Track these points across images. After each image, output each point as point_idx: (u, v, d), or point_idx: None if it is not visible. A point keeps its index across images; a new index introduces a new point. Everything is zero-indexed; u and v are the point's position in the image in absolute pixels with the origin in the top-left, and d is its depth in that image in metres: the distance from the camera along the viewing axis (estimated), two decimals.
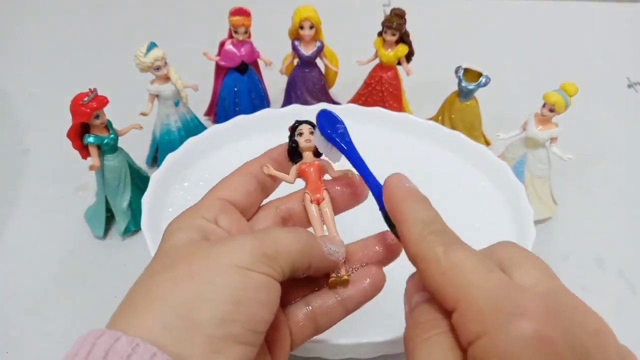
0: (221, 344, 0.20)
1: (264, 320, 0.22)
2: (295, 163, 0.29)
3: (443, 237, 0.21)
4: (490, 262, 0.20)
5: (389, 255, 0.28)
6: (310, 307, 0.27)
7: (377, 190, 0.26)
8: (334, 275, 0.26)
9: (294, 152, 0.29)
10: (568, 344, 0.17)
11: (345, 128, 0.28)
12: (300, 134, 0.29)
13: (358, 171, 0.27)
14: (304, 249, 0.24)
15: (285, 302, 0.27)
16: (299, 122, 0.29)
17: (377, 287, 0.27)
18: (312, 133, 0.28)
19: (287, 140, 0.29)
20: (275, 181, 0.29)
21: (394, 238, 0.27)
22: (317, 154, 0.29)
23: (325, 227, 0.28)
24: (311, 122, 0.29)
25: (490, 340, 0.17)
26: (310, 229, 0.28)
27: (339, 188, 0.29)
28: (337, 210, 0.29)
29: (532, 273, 0.20)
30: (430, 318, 0.21)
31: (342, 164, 0.28)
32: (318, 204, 0.28)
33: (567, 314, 0.18)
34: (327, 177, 0.29)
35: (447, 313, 0.20)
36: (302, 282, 0.27)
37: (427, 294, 0.22)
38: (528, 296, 0.18)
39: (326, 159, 0.29)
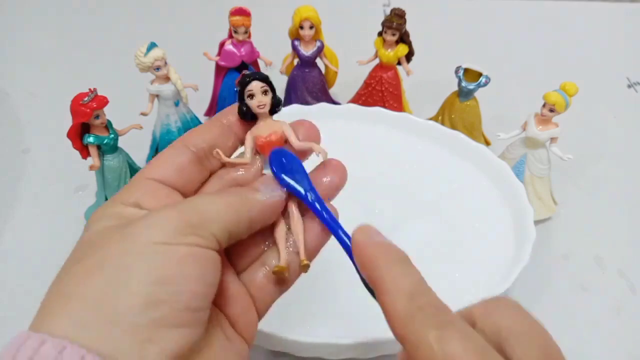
0: (150, 331, 0.18)
1: (198, 295, 0.19)
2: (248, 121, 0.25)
3: (433, 315, 0.18)
4: (488, 351, 0.18)
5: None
6: (268, 267, 0.24)
7: (347, 247, 0.22)
8: (277, 266, 0.23)
9: (246, 114, 0.25)
10: None
11: (305, 173, 0.24)
12: (251, 96, 0.24)
13: (322, 221, 0.23)
14: (238, 208, 0.21)
15: (239, 270, 0.24)
16: (248, 78, 0.24)
17: (337, 186, 0.25)
18: (265, 93, 0.24)
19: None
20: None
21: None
22: (273, 111, 0.25)
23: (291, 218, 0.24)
24: (262, 76, 0.25)
25: None
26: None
27: (327, 179, 0.25)
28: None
29: (530, 350, 0.18)
30: None
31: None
32: None
33: None
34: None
35: None
36: (250, 242, 0.24)
37: None
38: None
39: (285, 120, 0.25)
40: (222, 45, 0.56)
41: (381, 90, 0.58)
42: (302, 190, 0.23)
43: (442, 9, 0.89)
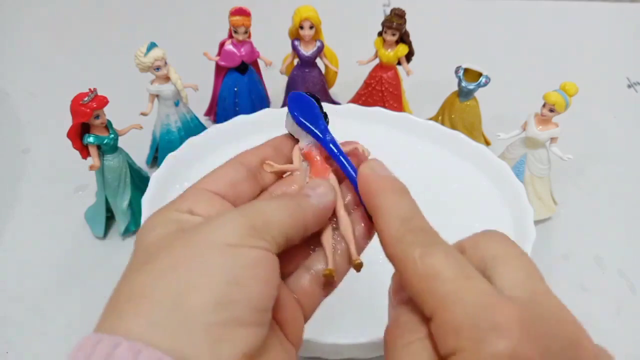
0: (222, 330, 0.18)
1: (265, 296, 0.20)
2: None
3: (421, 236, 0.20)
4: (469, 266, 0.19)
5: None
6: (314, 270, 0.25)
7: (356, 182, 0.24)
8: (327, 269, 0.24)
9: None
10: None
11: (319, 111, 0.25)
12: None
13: (334, 158, 0.25)
14: (294, 212, 0.22)
15: (285, 275, 0.24)
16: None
17: None
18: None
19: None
20: (278, 175, 0.26)
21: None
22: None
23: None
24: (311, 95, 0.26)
25: (465, 358, 0.17)
26: None
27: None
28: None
29: (514, 275, 0.19)
30: (411, 320, 0.20)
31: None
32: None
33: (543, 327, 0.18)
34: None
35: (426, 318, 0.19)
36: (296, 249, 0.24)
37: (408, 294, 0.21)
38: (506, 311, 0.17)
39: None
40: (222, 45, 0.56)
41: (381, 90, 0.58)
42: (315, 130, 0.25)
43: (442, 9, 0.89)
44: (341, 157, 0.25)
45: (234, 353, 0.18)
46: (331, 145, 0.25)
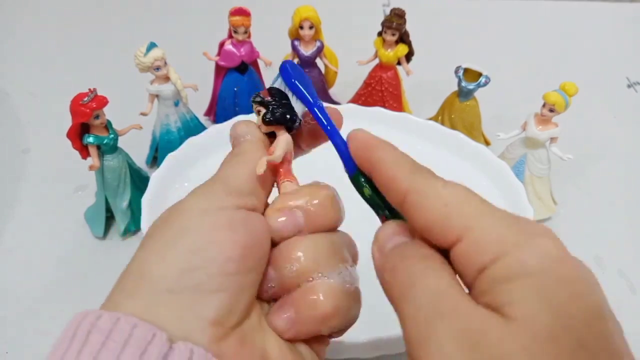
0: (187, 298, 0.19)
1: (232, 259, 0.20)
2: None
3: (435, 176, 0.20)
4: (486, 201, 0.19)
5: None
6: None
7: (344, 150, 0.23)
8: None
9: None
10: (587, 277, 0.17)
11: (310, 81, 0.25)
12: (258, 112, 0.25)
13: (322, 127, 0.24)
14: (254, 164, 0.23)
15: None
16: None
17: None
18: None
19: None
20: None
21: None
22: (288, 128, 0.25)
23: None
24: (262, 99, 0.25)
25: (515, 257, 0.16)
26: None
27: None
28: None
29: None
30: (419, 252, 0.19)
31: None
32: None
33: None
34: None
35: (439, 250, 0.19)
36: None
37: (407, 237, 0.20)
38: (541, 226, 0.18)
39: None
40: (222, 45, 0.56)
41: (381, 90, 0.58)
42: (308, 96, 0.24)
43: (442, 9, 0.89)
44: (330, 124, 0.24)
45: (199, 320, 0.19)
46: (319, 111, 0.24)
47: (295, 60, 0.58)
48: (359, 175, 0.23)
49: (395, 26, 0.53)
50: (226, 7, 0.54)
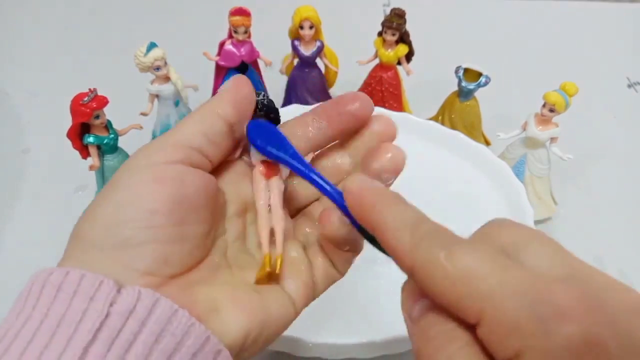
0: (114, 252, 0.20)
1: (158, 212, 0.20)
2: None
3: (438, 238, 0.18)
4: (500, 255, 0.17)
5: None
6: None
7: (339, 200, 0.22)
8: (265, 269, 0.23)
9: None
10: (617, 338, 0.15)
11: (283, 136, 0.24)
12: None
13: (310, 182, 0.23)
14: (203, 118, 0.23)
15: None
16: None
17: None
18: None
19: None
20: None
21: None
22: (274, 118, 0.26)
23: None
24: (264, 96, 0.25)
25: (536, 354, 0.15)
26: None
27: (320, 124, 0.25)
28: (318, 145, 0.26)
29: (544, 255, 0.18)
30: (444, 329, 0.18)
31: None
32: (268, 178, 0.24)
33: (603, 300, 0.16)
34: None
35: (462, 322, 0.17)
36: None
37: (429, 301, 0.19)
38: (563, 292, 0.16)
39: None
40: (222, 45, 0.56)
41: (381, 90, 0.58)
42: (287, 158, 0.24)
43: (442, 9, 0.89)
44: (318, 179, 0.23)
45: (130, 271, 0.20)
46: (305, 170, 0.23)
47: (295, 61, 0.58)
48: (362, 228, 0.21)
49: (395, 26, 0.53)
50: (226, 7, 0.54)
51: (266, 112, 0.25)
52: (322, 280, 0.25)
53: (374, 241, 0.21)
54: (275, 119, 0.25)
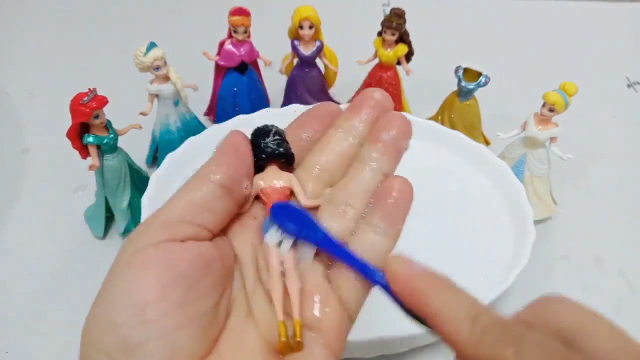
0: (124, 357, 0.18)
1: (149, 303, 0.19)
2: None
3: (501, 333, 0.17)
4: (570, 352, 0.16)
5: None
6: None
7: (381, 280, 0.21)
8: (284, 338, 0.20)
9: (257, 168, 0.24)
10: None
11: (311, 219, 0.22)
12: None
13: (346, 262, 0.22)
14: (195, 197, 0.21)
15: None
16: (262, 134, 0.24)
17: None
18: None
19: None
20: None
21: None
22: (285, 163, 0.24)
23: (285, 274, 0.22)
24: (275, 130, 0.24)
25: None
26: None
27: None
28: None
29: (609, 345, 0.17)
30: None
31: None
32: None
33: None
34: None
35: None
36: None
37: None
38: None
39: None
40: (222, 45, 0.56)
41: None
42: (312, 240, 0.22)
43: (442, 9, 0.89)
44: (354, 259, 0.22)
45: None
46: (341, 252, 0.22)
47: (295, 61, 0.58)
48: (408, 310, 0.20)
49: (395, 26, 0.53)
50: (226, 7, 0.54)
51: (275, 158, 0.23)
52: (354, 298, 0.22)
53: (419, 320, 0.20)
54: (288, 163, 0.24)
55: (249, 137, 0.24)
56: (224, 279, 0.21)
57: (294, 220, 0.22)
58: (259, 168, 0.24)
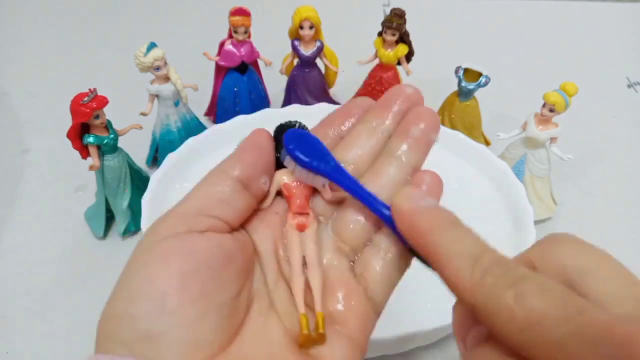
0: (140, 348, 0.18)
1: (167, 294, 0.18)
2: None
3: (503, 274, 0.16)
4: (571, 294, 0.16)
5: None
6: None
7: (389, 217, 0.20)
8: (305, 330, 0.20)
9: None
10: None
11: (324, 147, 0.22)
12: None
13: (354, 195, 0.22)
14: (212, 189, 0.21)
15: None
16: (285, 129, 0.23)
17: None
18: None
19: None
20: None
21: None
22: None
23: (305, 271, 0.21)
24: (299, 125, 0.24)
25: None
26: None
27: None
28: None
29: (616, 287, 0.16)
30: None
31: None
32: (301, 231, 0.22)
33: None
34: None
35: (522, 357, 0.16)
36: None
37: (484, 330, 0.18)
38: None
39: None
40: (222, 45, 0.56)
41: (381, 90, 0.58)
42: (323, 169, 0.22)
43: (442, 9, 0.89)
44: (365, 192, 0.21)
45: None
46: (348, 183, 0.22)
47: (295, 61, 0.58)
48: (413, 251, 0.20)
49: (395, 26, 0.53)
50: (226, 7, 0.54)
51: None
52: (380, 291, 0.22)
53: (424, 260, 0.19)
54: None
55: (272, 133, 0.24)
56: (244, 271, 0.21)
57: (306, 150, 0.22)
58: (282, 163, 0.23)
